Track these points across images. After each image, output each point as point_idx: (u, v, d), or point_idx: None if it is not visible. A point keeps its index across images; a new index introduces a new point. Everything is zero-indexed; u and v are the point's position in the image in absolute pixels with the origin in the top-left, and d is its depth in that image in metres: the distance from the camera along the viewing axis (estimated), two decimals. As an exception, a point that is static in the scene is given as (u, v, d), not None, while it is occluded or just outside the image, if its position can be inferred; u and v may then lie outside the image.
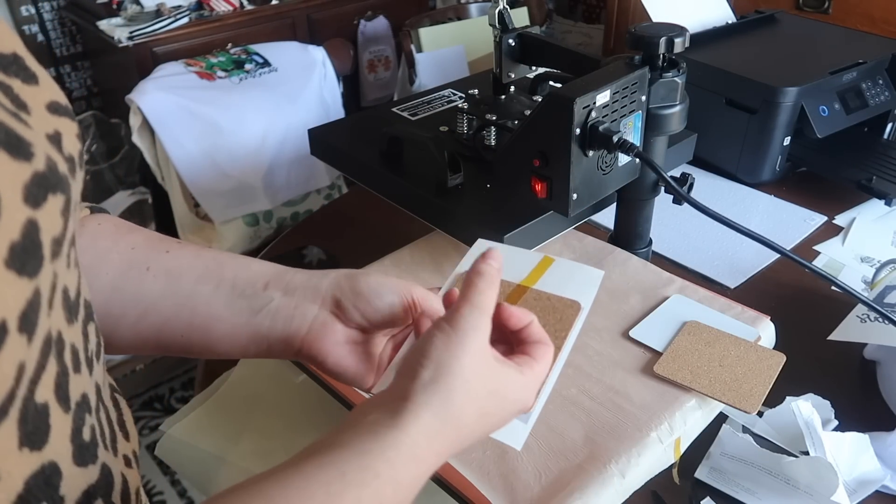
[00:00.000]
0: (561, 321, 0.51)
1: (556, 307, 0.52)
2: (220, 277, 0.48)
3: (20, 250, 0.26)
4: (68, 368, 0.31)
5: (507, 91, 0.92)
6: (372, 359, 0.50)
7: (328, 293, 0.48)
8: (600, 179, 0.72)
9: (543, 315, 0.51)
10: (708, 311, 0.74)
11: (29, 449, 0.28)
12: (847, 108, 1.06)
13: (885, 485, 0.63)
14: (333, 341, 0.48)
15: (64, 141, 0.32)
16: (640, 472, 0.61)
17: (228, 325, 0.48)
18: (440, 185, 0.80)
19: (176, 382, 2.04)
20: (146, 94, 1.73)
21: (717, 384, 0.65)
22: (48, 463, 0.29)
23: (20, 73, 0.31)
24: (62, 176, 0.30)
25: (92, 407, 0.34)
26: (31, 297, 0.27)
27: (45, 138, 0.30)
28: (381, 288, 0.48)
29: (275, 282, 0.49)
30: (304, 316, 0.48)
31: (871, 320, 0.72)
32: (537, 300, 0.52)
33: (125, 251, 0.48)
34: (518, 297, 0.53)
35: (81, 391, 0.33)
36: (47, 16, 2.33)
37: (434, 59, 2.20)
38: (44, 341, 0.28)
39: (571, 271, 0.54)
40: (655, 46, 0.71)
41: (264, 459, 0.66)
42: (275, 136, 1.89)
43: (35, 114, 0.30)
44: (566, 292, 0.53)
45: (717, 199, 1.08)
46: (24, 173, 0.27)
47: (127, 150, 2.17)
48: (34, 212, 0.27)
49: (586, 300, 0.52)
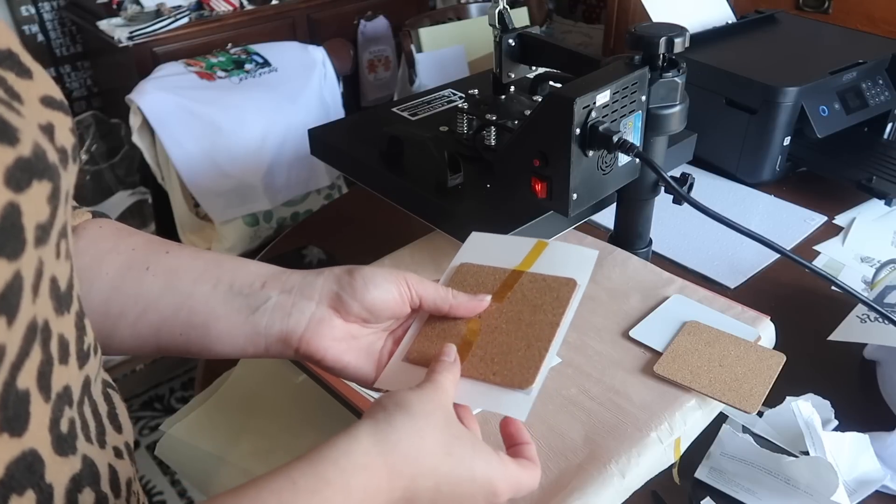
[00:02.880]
0: (557, 298, 0.52)
1: (552, 286, 0.52)
2: (219, 277, 0.49)
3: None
4: (53, 358, 0.31)
5: (507, 91, 0.92)
6: (372, 354, 0.50)
7: (325, 288, 0.49)
8: (600, 179, 0.72)
9: (540, 296, 0.52)
10: (708, 311, 0.74)
11: (9, 434, 0.28)
12: (847, 108, 1.06)
13: (885, 485, 0.63)
14: (332, 337, 0.48)
15: (57, 133, 0.32)
16: (640, 472, 0.61)
17: (226, 324, 0.48)
18: (440, 185, 0.80)
19: (176, 382, 2.04)
20: (146, 94, 1.73)
21: (717, 384, 0.65)
22: (28, 450, 0.29)
23: (14, 68, 0.31)
24: (50, 164, 0.30)
25: (74, 400, 0.34)
26: (11, 280, 0.27)
27: (37, 128, 0.30)
28: (378, 278, 0.49)
29: (272, 281, 0.49)
30: (302, 312, 0.48)
31: (871, 320, 0.72)
32: (533, 282, 0.53)
33: (125, 252, 0.49)
34: (514, 282, 0.53)
35: (64, 383, 0.33)
36: (47, 16, 2.33)
37: (434, 59, 2.20)
38: (27, 327, 0.29)
39: (566, 253, 0.55)
40: (655, 46, 0.71)
41: (264, 459, 0.66)
42: (275, 136, 1.89)
43: (28, 105, 0.30)
44: (562, 272, 0.53)
45: (717, 199, 1.08)
46: (7, 157, 0.27)
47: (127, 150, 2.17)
48: (15, 195, 0.27)
49: (582, 278, 0.52)
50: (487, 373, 0.48)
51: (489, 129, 0.86)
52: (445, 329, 0.51)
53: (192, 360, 2.02)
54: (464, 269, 0.56)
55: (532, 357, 0.48)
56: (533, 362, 0.48)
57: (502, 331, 0.50)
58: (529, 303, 0.52)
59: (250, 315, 0.48)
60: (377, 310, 0.49)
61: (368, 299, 0.48)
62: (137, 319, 0.47)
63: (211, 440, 0.68)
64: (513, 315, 0.51)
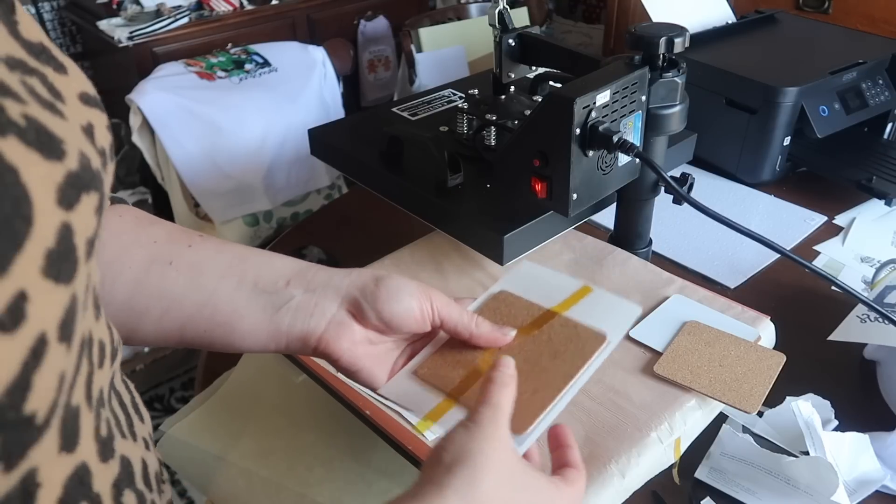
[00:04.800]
0: (582, 350, 0.50)
1: (581, 336, 0.51)
2: (243, 274, 0.48)
3: (56, 257, 0.24)
4: (94, 366, 0.31)
5: (507, 91, 0.92)
6: (388, 362, 0.50)
7: (349, 292, 0.48)
8: (600, 179, 0.72)
9: (565, 343, 0.50)
10: (708, 311, 0.74)
11: (66, 452, 0.28)
12: (847, 108, 1.06)
13: (885, 485, 0.63)
14: (350, 340, 0.48)
15: (96, 133, 0.30)
16: (640, 472, 0.61)
17: (250, 323, 0.47)
18: (440, 185, 0.80)
19: (176, 382, 2.04)
20: (146, 94, 1.73)
21: (716, 384, 0.65)
22: (80, 464, 0.29)
23: (51, 62, 0.29)
24: (95, 172, 0.28)
25: (105, 399, 0.34)
26: (69, 304, 0.25)
27: (80, 131, 0.28)
28: (401, 292, 0.48)
29: (297, 279, 0.48)
30: (323, 314, 0.48)
31: (871, 320, 0.72)
32: (563, 327, 0.52)
33: (148, 245, 0.48)
34: (545, 321, 0.52)
35: (100, 386, 0.32)
36: (47, 16, 2.33)
37: (434, 59, 2.20)
38: (80, 344, 0.28)
39: (609, 303, 0.53)
40: (655, 46, 0.71)
41: (264, 459, 0.66)
42: (275, 137, 1.89)
43: (69, 104, 0.29)
44: (598, 322, 0.52)
45: (717, 199, 1.08)
46: (58, 174, 0.25)
47: (127, 150, 2.17)
48: (68, 214, 0.25)
49: (616, 334, 0.51)
50: None
51: (489, 129, 0.86)
52: (463, 353, 0.50)
53: (192, 360, 2.02)
54: (500, 297, 0.55)
55: (534, 404, 0.47)
56: (533, 410, 0.47)
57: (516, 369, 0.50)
58: (552, 347, 0.50)
59: (274, 314, 0.47)
60: (395, 324, 0.48)
61: (387, 312, 0.48)
62: (162, 316, 0.47)
63: (211, 440, 0.68)
64: (531, 356, 0.50)
